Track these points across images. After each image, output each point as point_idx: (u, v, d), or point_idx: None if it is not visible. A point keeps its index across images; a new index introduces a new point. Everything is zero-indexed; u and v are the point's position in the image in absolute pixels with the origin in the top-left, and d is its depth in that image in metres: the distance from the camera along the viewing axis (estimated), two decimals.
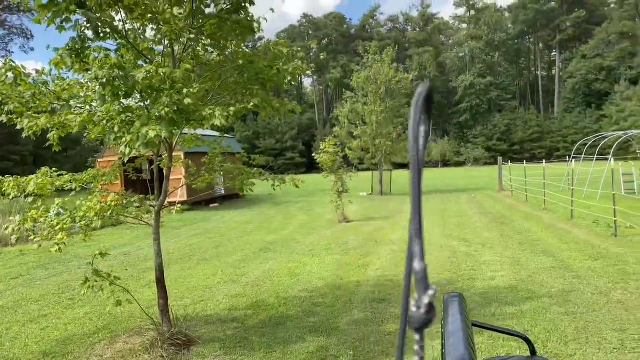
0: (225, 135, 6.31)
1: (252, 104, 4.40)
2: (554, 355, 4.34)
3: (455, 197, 21.56)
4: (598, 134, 23.17)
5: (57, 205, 4.44)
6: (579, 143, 24.26)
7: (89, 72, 3.76)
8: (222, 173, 6.06)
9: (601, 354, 4.36)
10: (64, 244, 4.28)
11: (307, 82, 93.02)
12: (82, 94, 4.38)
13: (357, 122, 25.18)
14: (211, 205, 21.81)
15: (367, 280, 7.53)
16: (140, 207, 4.80)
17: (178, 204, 18.67)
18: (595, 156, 20.18)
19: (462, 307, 2.17)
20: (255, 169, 5.49)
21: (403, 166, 55.16)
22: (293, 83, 5.25)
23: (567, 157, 18.02)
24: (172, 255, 10.46)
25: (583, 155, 22.48)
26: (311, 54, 72.17)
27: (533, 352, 2.42)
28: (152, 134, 3.51)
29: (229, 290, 7.33)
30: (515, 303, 5.94)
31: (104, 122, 3.81)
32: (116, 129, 3.79)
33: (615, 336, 4.75)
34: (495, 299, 6.19)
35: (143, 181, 7.16)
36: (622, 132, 21.07)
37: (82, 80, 4.54)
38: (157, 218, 4.94)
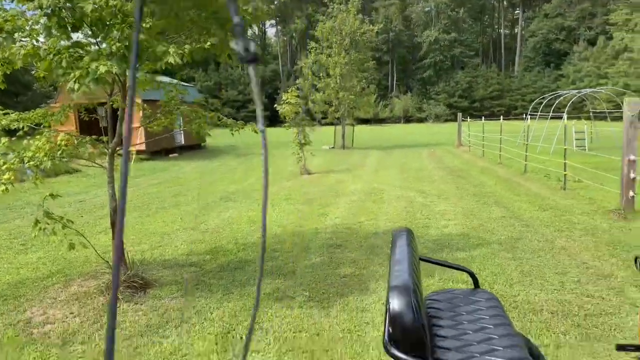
0: (186, 83, 6.13)
1: (208, 43, 4.25)
2: (500, 296, 4.56)
3: (416, 153, 21.87)
4: (554, 93, 23.74)
5: (3, 144, 4.25)
6: (535, 101, 24.82)
7: (33, 2, 3.54)
8: (181, 120, 5.91)
9: (542, 294, 4.62)
10: (12, 184, 4.14)
11: (271, 32, 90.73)
12: (27, 27, 4.12)
13: (321, 75, 24.89)
14: (170, 156, 21.44)
15: (325, 227, 7.65)
16: (93, 147, 4.65)
17: (135, 151, 18.27)
18: (551, 114, 20.75)
19: (410, 239, 2.24)
20: (213, 112, 5.37)
21: (366, 121, 55.30)
22: (254, 25, 5.11)
23: (524, 115, 18.47)
24: (130, 203, 10.31)
25: (539, 113, 23.08)
26: (275, 2, 70.18)
27: (476, 284, 2.55)
28: (102, 69, 3.37)
29: (188, 236, 7.31)
30: (466, 249, 6.18)
31: (51, 56, 3.62)
32: (64, 64, 3.61)
33: (556, 279, 5.03)
34: (447, 245, 6.41)
35: (100, 128, 6.95)
36: (576, 91, 21.66)
37: (27, 13, 4.27)
38: (110, 160, 4.81)
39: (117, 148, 4.85)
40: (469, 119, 24.89)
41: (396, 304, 1.52)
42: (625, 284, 4.78)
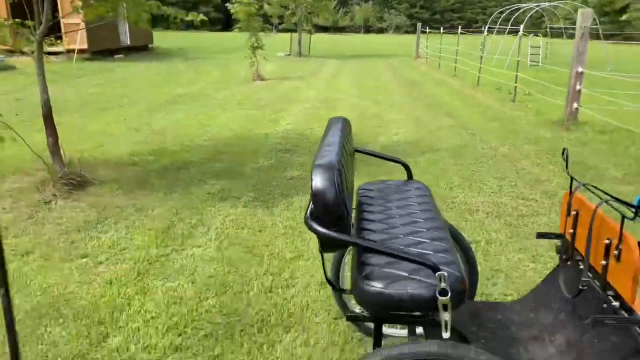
0: None
1: None
2: (440, 197, 4.68)
3: (374, 63, 21.57)
4: (513, 5, 23.49)
5: None
6: (494, 14, 24.54)
7: None
8: (126, 21, 5.42)
9: (480, 197, 4.78)
10: None
11: None
12: None
13: None
14: (115, 56, 20.26)
15: (276, 133, 7.55)
16: (17, 33, 4.25)
17: (76, 50, 17.16)
18: (509, 27, 20.64)
19: (344, 127, 2.18)
20: (153, 0, 4.95)
21: (324, 29, 53.66)
22: None
23: (482, 28, 18.30)
24: (70, 103, 9.79)
25: (497, 27, 22.93)
26: None
27: (410, 176, 2.57)
28: None
29: (131, 137, 7.06)
30: (413, 155, 6.25)
31: None
32: None
33: (495, 183, 5.20)
34: (394, 151, 6.47)
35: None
36: (535, 4, 21.49)
37: None
38: (39, 49, 4.44)
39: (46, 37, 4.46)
40: (428, 30, 24.48)
41: (318, 180, 1.48)
42: (559, 187, 5.00)
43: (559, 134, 7.46)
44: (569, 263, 2.24)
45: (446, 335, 1.44)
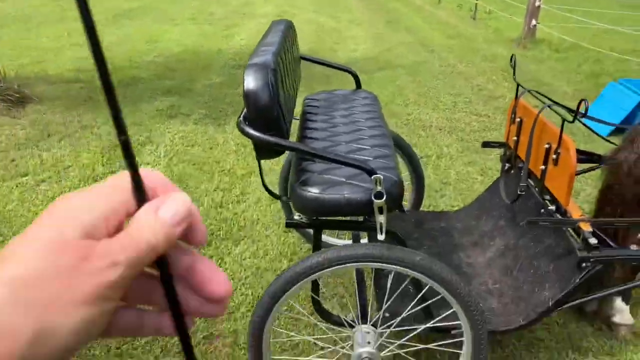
0: None
1: None
2: (394, 114, 4.67)
3: None
4: None
5: None
6: None
7: None
8: None
9: (434, 113, 4.79)
10: None
11: None
12: None
13: None
14: None
15: (229, 48, 7.25)
16: None
17: None
18: None
19: (287, 29, 2.07)
20: None
21: None
22: None
23: None
24: (7, 16, 9.06)
25: None
26: None
27: (359, 85, 2.51)
28: None
29: (75, 53, 6.63)
30: (370, 71, 6.14)
31: None
32: None
33: (450, 99, 5.20)
34: (352, 67, 6.33)
35: None
36: None
37: None
38: None
39: None
40: None
41: (251, 80, 1.41)
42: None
43: (516, 51, 7.43)
44: (512, 172, 2.28)
45: (381, 237, 1.45)
